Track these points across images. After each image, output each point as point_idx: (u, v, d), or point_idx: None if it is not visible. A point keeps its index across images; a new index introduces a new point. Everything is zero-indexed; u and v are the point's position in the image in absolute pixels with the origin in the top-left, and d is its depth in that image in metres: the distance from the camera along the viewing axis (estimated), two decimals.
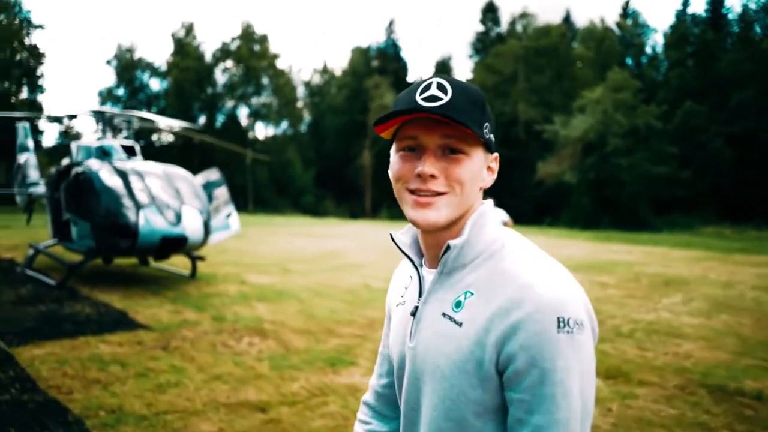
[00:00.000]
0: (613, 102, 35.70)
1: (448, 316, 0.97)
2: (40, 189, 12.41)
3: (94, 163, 8.76)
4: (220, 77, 56.47)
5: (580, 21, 66.37)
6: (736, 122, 35.89)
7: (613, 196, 35.96)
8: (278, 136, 58.84)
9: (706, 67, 39.62)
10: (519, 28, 58.34)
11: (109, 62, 56.00)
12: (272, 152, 52.24)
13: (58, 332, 6.04)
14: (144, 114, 12.20)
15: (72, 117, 10.45)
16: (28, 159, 13.28)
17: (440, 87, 0.96)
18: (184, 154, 48.40)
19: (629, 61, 49.74)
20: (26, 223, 14.46)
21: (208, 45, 60.02)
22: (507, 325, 0.88)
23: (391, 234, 1.12)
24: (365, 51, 62.21)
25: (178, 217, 8.34)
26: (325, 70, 64.61)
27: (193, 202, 8.83)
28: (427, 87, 0.97)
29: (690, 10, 50.10)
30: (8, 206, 28.96)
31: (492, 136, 1.02)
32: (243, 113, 57.81)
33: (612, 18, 70.17)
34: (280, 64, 59.16)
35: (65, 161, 11.39)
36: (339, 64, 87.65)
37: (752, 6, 43.82)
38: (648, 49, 51.61)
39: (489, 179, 1.04)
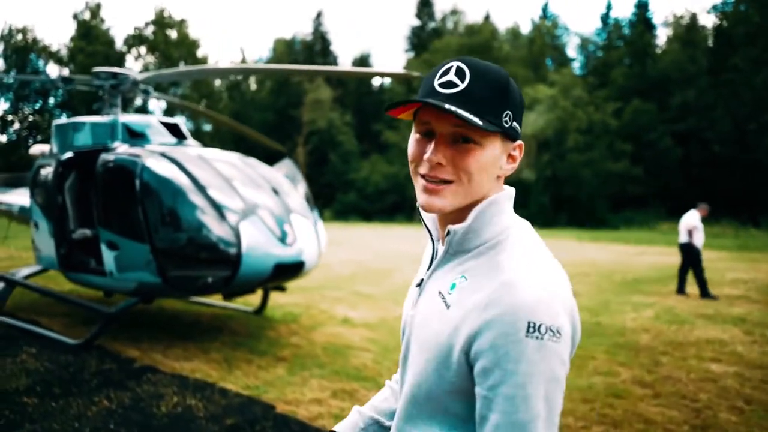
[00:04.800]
0: (572, 99, 35.23)
1: (442, 295, 0.99)
2: None
3: (140, 151, 5.49)
4: (134, 66, 50.44)
5: (497, 23, 67.23)
6: (680, 121, 36.72)
7: (572, 193, 35.44)
8: (200, 131, 53.68)
9: (643, 68, 40.42)
10: (450, 24, 57.67)
11: None
12: None
13: None
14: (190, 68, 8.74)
15: (67, 81, 6.86)
16: None
17: (459, 72, 0.94)
18: None
19: (549, 62, 50.36)
20: None
21: (118, 30, 53.13)
22: (481, 320, 0.88)
23: (418, 206, 1.05)
24: (289, 43, 58.70)
25: (290, 233, 5.33)
26: (243, 63, 60.00)
27: (299, 207, 5.82)
28: (447, 71, 0.95)
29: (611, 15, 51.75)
30: None
31: (515, 123, 0.98)
32: (158, 106, 52.13)
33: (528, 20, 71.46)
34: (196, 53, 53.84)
35: (36, 148, 7.82)
36: (256, 56, 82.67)
37: (694, 10, 45.75)
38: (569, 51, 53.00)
39: (508, 167, 1.02)
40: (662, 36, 48.30)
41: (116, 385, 4.41)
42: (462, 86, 0.92)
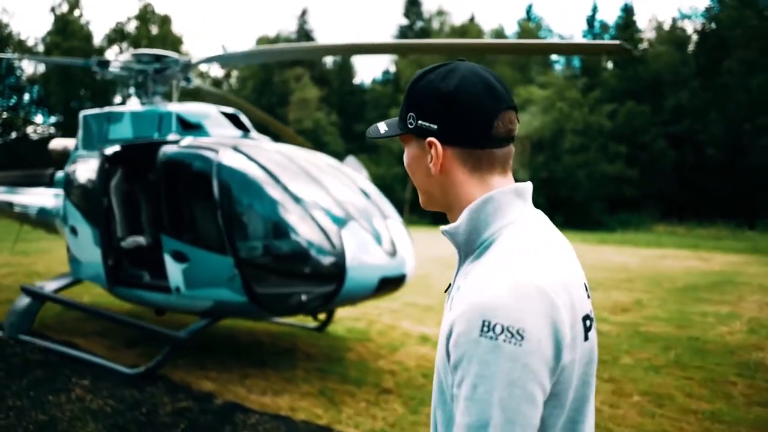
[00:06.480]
0: (569, 101, 34.98)
1: (451, 299, 0.99)
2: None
3: (212, 143, 4.65)
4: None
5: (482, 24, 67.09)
6: (674, 124, 36.75)
7: (568, 195, 35.15)
8: None
9: (635, 70, 40.42)
10: (436, 25, 57.28)
11: None
12: None
13: None
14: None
15: (103, 65, 6.03)
16: None
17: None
18: None
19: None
20: None
21: (97, 25, 51.59)
22: (451, 318, 0.87)
23: (441, 228, 1.07)
24: (273, 41, 57.68)
25: (389, 242, 4.54)
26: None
27: (392, 212, 5.05)
28: None
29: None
30: None
31: (423, 122, 0.97)
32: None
33: (513, 23, 71.51)
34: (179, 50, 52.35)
35: (58, 143, 6.88)
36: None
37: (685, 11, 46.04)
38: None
39: (431, 165, 0.99)
40: (646, 39, 48.24)
41: (209, 431, 3.58)
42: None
